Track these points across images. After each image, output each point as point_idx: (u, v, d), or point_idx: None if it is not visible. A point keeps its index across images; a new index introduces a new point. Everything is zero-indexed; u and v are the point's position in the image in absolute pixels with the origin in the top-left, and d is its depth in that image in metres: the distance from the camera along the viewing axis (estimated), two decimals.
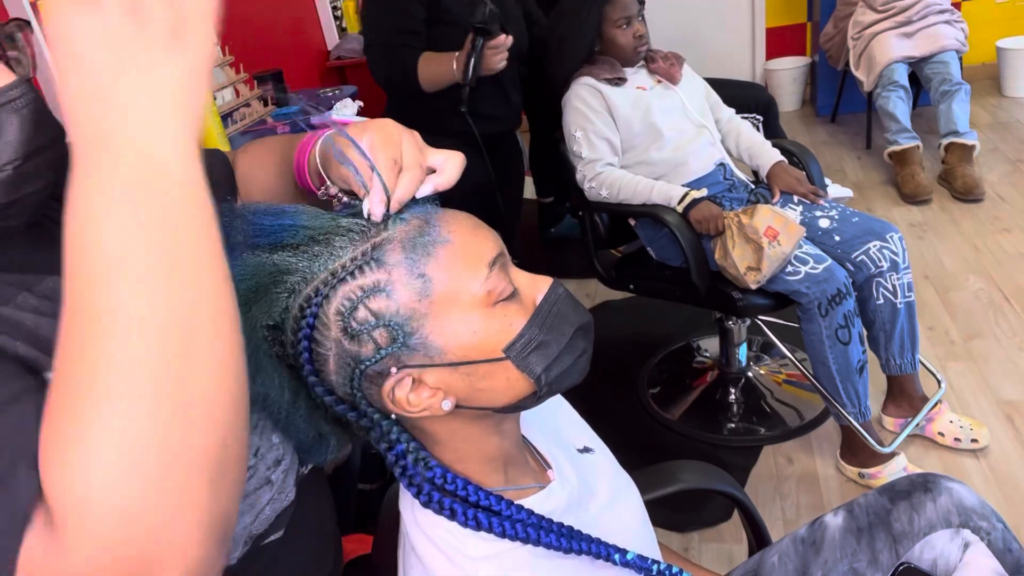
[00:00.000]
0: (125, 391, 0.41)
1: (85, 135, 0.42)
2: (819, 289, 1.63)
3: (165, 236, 0.43)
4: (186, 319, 0.43)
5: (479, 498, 0.64)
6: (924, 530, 0.89)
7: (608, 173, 1.85)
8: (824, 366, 1.71)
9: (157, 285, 0.42)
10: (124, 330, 0.41)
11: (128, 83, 0.42)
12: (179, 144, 0.43)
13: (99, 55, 0.41)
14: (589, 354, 0.67)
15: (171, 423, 0.42)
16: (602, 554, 0.67)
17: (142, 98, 0.42)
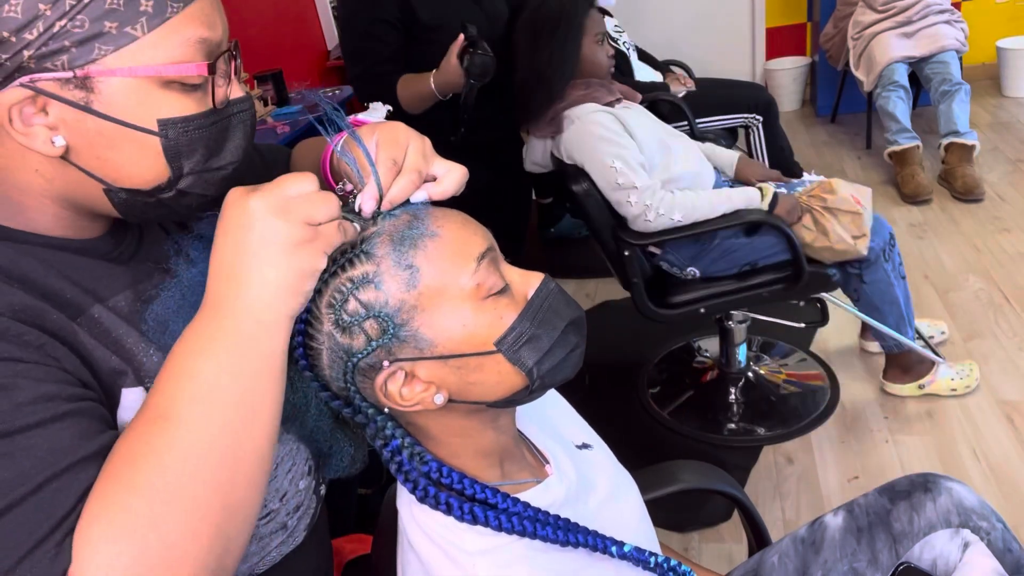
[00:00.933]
0: (176, 497, 0.51)
1: (219, 287, 0.56)
2: (879, 238, 1.74)
3: (247, 387, 0.55)
4: (240, 453, 0.54)
5: (475, 492, 0.64)
6: (924, 530, 0.89)
7: (672, 195, 1.68)
8: (894, 305, 1.85)
9: (229, 419, 0.54)
10: (192, 446, 0.52)
11: (262, 266, 0.54)
12: (282, 323, 0.56)
13: (251, 235, 0.54)
14: (582, 349, 0.67)
15: (209, 537, 0.52)
16: (599, 546, 0.67)
17: (269, 282, 0.55)
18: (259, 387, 0.56)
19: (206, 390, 0.53)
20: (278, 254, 0.54)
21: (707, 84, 2.92)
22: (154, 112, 0.61)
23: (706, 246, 1.77)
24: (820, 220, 1.73)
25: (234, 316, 0.55)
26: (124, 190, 0.63)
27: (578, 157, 1.74)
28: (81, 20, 0.56)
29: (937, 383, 1.96)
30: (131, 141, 0.61)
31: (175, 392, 0.54)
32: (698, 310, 1.82)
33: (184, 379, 0.54)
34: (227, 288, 0.55)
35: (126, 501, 0.50)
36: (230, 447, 0.54)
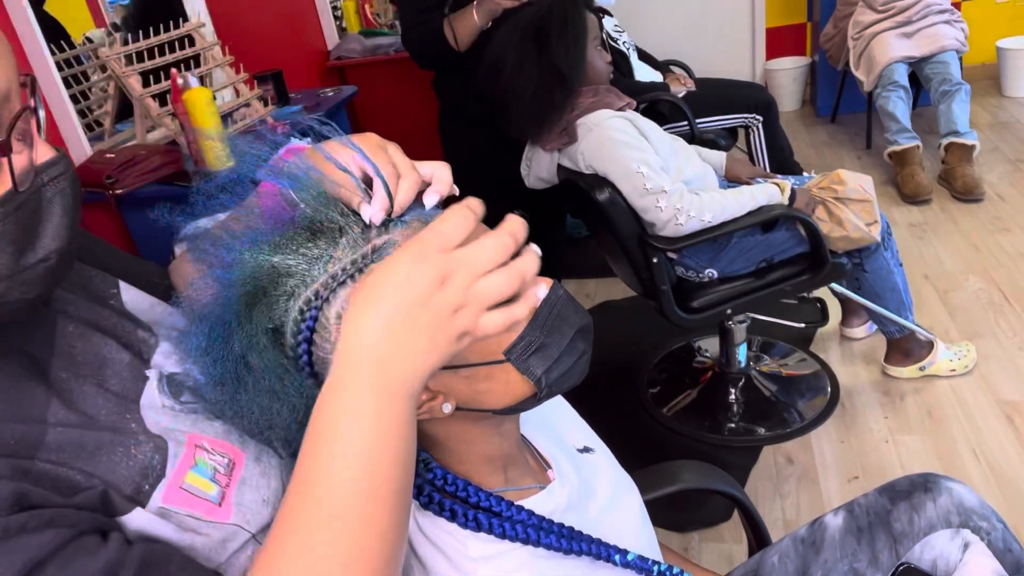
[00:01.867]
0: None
1: (361, 367, 0.50)
2: (879, 225, 1.77)
3: (399, 458, 0.52)
4: (387, 498, 0.51)
5: (479, 499, 0.64)
6: (924, 530, 0.89)
7: (699, 197, 1.65)
8: (894, 291, 1.91)
9: (390, 497, 0.51)
10: (357, 535, 0.50)
11: (404, 351, 0.51)
12: (415, 391, 0.52)
13: (409, 315, 0.50)
14: (589, 355, 0.67)
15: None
16: (602, 555, 0.67)
17: (407, 363, 0.51)
18: (406, 463, 0.53)
19: (367, 478, 0.50)
20: (438, 324, 0.52)
21: (707, 84, 2.92)
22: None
23: (723, 246, 1.76)
24: (834, 211, 1.76)
25: (385, 386, 0.51)
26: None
27: (599, 165, 1.69)
28: None
29: (937, 364, 2.03)
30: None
31: (337, 482, 0.50)
32: (725, 311, 1.81)
33: (342, 462, 0.50)
34: (383, 354, 0.51)
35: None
36: (390, 542, 0.51)
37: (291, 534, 0.50)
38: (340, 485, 0.50)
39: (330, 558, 0.49)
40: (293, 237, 0.59)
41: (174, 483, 0.59)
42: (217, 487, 0.61)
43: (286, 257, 0.58)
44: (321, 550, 0.49)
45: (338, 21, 3.56)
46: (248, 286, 0.58)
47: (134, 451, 0.58)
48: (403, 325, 0.51)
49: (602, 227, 1.80)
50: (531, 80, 1.71)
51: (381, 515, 0.50)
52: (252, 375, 0.58)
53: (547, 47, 1.69)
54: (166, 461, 0.59)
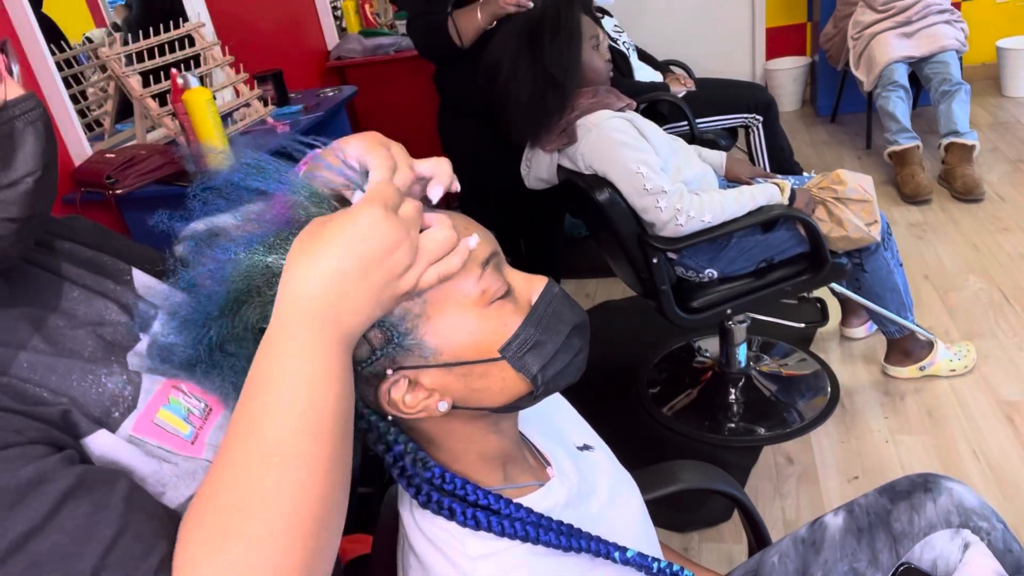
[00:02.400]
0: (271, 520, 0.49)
1: (309, 313, 0.52)
2: (879, 226, 1.77)
3: (341, 402, 0.54)
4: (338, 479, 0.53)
5: (478, 497, 0.64)
6: (924, 530, 0.89)
7: (699, 197, 1.65)
8: (894, 292, 1.91)
9: (327, 437, 0.52)
10: (299, 476, 0.51)
11: (352, 305, 0.53)
12: (351, 345, 0.55)
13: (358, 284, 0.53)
14: (585, 353, 0.67)
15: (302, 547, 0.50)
16: (602, 552, 0.67)
17: (353, 316, 0.53)
18: (346, 407, 0.55)
19: (310, 417, 0.52)
20: (385, 282, 0.55)
21: (707, 84, 2.92)
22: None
23: (723, 246, 1.76)
24: (834, 211, 1.76)
25: (331, 333, 0.53)
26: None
27: (599, 166, 1.69)
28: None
29: (937, 364, 2.03)
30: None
31: (279, 421, 0.51)
32: (725, 311, 1.81)
33: (285, 402, 0.52)
34: (332, 302, 0.53)
35: (239, 556, 0.49)
36: (332, 478, 0.53)
37: (231, 467, 0.51)
38: (283, 422, 0.51)
39: (270, 490, 0.50)
40: (288, 237, 0.59)
41: (145, 416, 0.61)
42: (191, 427, 0.64)
43: (280, 257, 0.58)
44: (261, 482, 0.50)
45: (338, 21, 3.56)
46: (240, 284, 0.58)
47: (105, 380, 0.61)
48: (357, 278, 0.53)
49: (602, 227, 1.80)
50: (525, 84, 1.72)
51: (322, 454, 0.52)
52: (228, 359, 0.59)
53: (540, 51, 1.70)
54: (138, 395, 0.61)
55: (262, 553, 0.49)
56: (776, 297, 1.81)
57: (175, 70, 2.02)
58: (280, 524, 0.49)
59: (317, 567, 0.52)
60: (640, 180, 1.63)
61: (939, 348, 2.03)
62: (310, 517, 0.51)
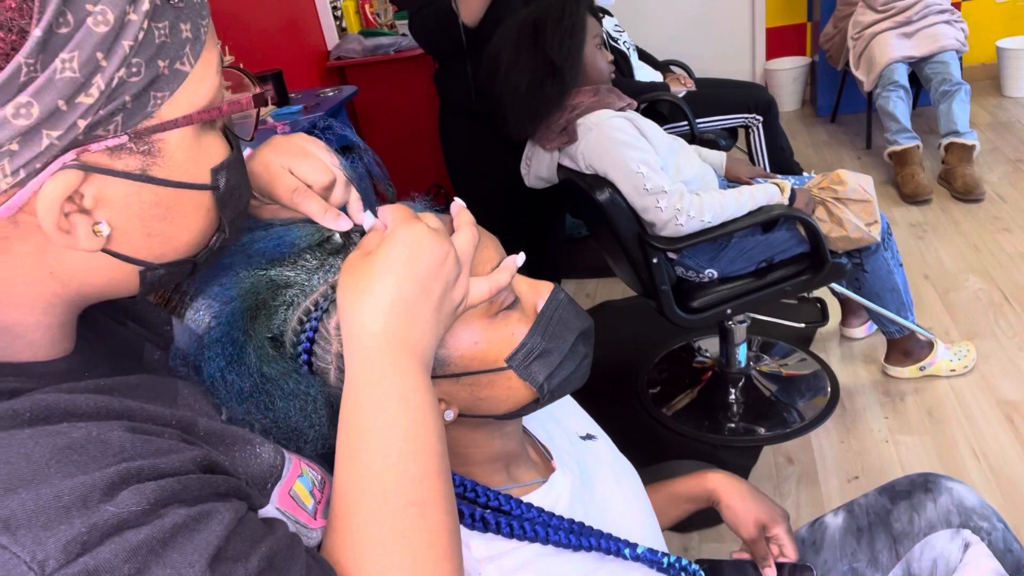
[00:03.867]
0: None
1: (380, 349, 0.53)
2: (879, 226, 1.77)
3: (425, 416, 0.54)
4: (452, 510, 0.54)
5: (488, 498, 0.63)
6: (924, 530, 0.89)
7: (699, 197, 1.65)
8: (894, 292, 1.92)
9: (444, 469, 0.54)
10: (436, 518, 0.53)
11: (421, 329, 0.54)
12: (428, 370, 0.56)
13: (421, 304, 0.54)
14: (590, 359, 0.67)
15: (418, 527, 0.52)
16: (612, 549, 0.67)
17: (424, 340, 0.55)
18: (441, 430, 0.56)
19: (429, 454, 0.53)
20: (448, 309, 0.57)
21: (707, 84, 2.92)
22: (205, 162, 0.50)
23: (723, 246, 1.76)
24: (834, 211, 1.76)
25: (415, 362, 0.54)
26: (165, 265, 0.51)
27: (599, 165, 1.69)
28: (137, 64, 0.44)
29: (937, 364, 2.03)
30: (188, 204, 0.50)
31: (407, 466, 0.52)
32: (725, 311, 1.80)
33: (411, 446, 0.53)
34: (410, 332, 0.54)
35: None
36: (450, 510, 0.54)
37: (363, 523, 0.52)
38: (390, 447, 0.52)
39: (404, 533, 0.51)
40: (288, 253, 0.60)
41: (284, 488, 0.59)
42: (313, 500, 0.62)
43: (284, 269, 0.58)
44: (392, 518, 0.51)
45: (338, 21, 3.56)
46: (248, 300, 0.58)
47: (259, 450, 0.58)
48: (419, 298, 0.53)
49: (602, 227, 1.80)
50: (525, 72, 1.72)
51: (431, 468, 0.53)
52: (273, 384, 0.58)
53: (542, 39, 1.71)
54: (284, 465, 0.59)
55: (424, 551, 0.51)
56: (776, 297, 1.81)
57: None
58: (426, 538, 0.51)
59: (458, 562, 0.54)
60: (640, 180, 1.63)
61: (939, 348, 2.04)
62: (447, 525, 0.53)
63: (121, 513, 0.41)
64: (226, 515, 0.46)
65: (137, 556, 0.41)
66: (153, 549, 0.41)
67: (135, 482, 0.43)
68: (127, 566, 0.40)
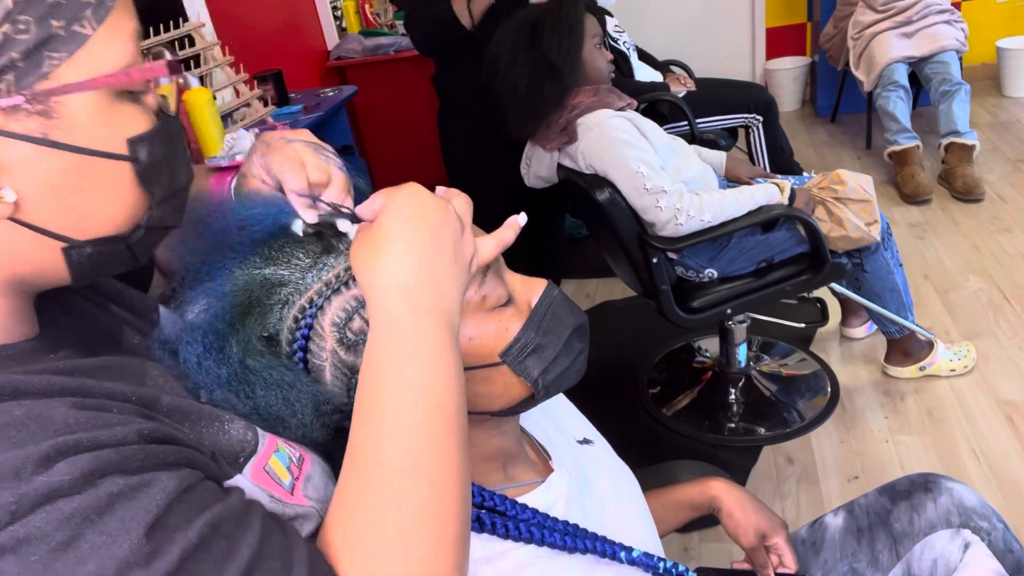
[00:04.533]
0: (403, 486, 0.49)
1: (404, 304, 0.52)
2: (879, 225, 1.77)
3: (449, 370, 0.53)
4: (454, 421, 0.52)
5: (484, 499, 0.63)
6: (924, 530, 0.89)
7: (699, 197, 1.65)
8: (894, 292, 1.92)
9: (458, 417, 0.53)
10: (413, 426, 0.51)
11: (439, 285, 0.54)
12: (455, 328, 0.55)
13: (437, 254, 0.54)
14: (586, 355, 0.67)
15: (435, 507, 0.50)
16: (607, 552, 0.67)
17: (446, 297, 0.54)
18: (462, 384, 0.55)
19: (440, 401, 0.52)
20: (463, 273, 0.57)
21: (707, 84, 2.92)
22: (120, 131, 0.49)
23: (723, 246, 1.76)
24: (834, 211, 1.76)
25: (439, 320, 0.54)
26: (91, 243, 0.50)
27: (599, 165, 1.69)
28: (25, 22, 0.43)
29: (937, 364, 2.03)
30: (103, 174, 0.49)
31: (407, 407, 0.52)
32: (725, 311, 1.80)
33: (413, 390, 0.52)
34: (431, 292, 0.53)
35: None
36: (462, 454, 0.53)
37: (371, 464, 0.51)
38: (412, 407, 0.51)
39: (412, 481, 0.50)
40: (282, 247, 0.60)
41: (260, 463, 0.60)
42: (290, 476, 0.62)
43: (278, 268, 0.58)
44: (402, 473, 0.50)
45: (338, 21, 3.56)
46: (240, 297, 0.58)
47: (228, 427, 0.59)
48: (435, 251, 0.54)
49: (602, 227, 1.80)
50: (524, 72, 1.73)
51: (451, 428, 0.52)
52: (255, 374, 0.58)
53: (540, 40, 1.71)
54: (258, 441, 0.60)
55: (422, 521, 0.49)
56: (776, 297, 1.81)
57: None
58: (430, 507, 0.50)
59: (466, 533, 0.52)
60: (640, 180, 1.63)
61: (939, 348, 2.04)
62: (455, 495, 0.51)
63: (53, 483, 0.41)
64: (169, 484, 0.45)
65: (70, 523, 0.41)
66: (88, 517, 0.42)
67: (72, 454, 0.43)
68: (59, 533, 0.41)
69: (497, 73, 1.77)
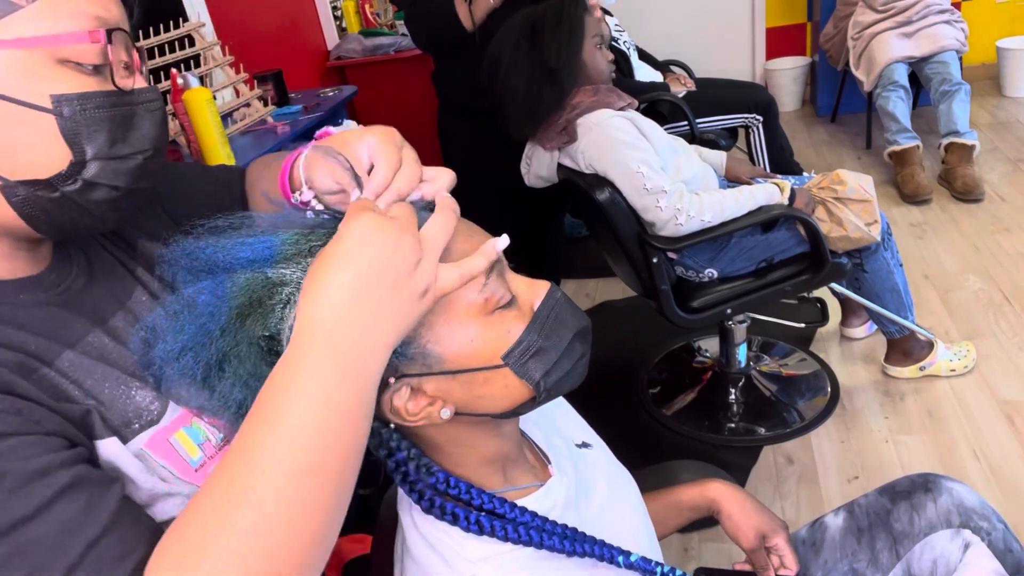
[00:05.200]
0: (256, 525, 0.48)
1: (320, 331, 0.51)
2: (879, 225, 1.77)
3: (344, 421, 0.51)
4: (326, 480, 0.51)
5: (483, 501, 0.63)
6: (924, 530, 0.89)
7: (699, 197, 1.64)
8: (894, 292, 1.92)
9: (318, 448, 0.50)
10: (275, 474, 0.49)
11: (371, 318, 0.52)
12: (379, 365, 0.54)
13: (387, 275, 0.52)
14: (587, 358, 0.67)
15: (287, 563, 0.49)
16: (605, 556, 0.67)
17: (376, 330, 0.53)
18: (363, 422, 0.53)
19: (297, 421, 0.50)
20: (409, 298, 0.54)
21: (707, 84, 2.92)
22: (47, 89, 0.56)
23: (723, 246, 1.76)
24: (834, 211, 1.75)
25: (349, 348, 0.52)
26: (21, 184, 0.57)
27: (599, 165, 1.69)
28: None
29: (937, 364, 2.03)
30: (21, 122, 0.56)
31: (275, 458, 0.49)
32: (725, 311, 1.80)
33: (287, 444, 0.50)
34: (349, 316, 0.52)
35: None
36: (319, 522, 0.51)
37: (217, 489, 0.49)
38: (280, 460, 0.49)
39: (242, 530, 0.48)
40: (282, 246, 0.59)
41: (163, 433, 0.63)
42: (202, 454, 0.65)
43: (280, 267, 0.58)
44: (235, 516, 0.48)
45: (338, 21, 3.56)
46: (241, 299, 0.57)
47: (135, 392, 0.63)
48: (366, 287, 0.52)
49: (602, 227, 1.80)
50: (523, 75, 1.72)
51: (313, 497, 0.50)
52: (222, 379, 0.57)
53: (540, 42, 1.70)
54: (164, 412, 0.63)
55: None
56: (776, 297, 1.81)
57: (175, 70, 2.02)
58: (250, 560, 0.47)
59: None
60: (640, 179, 1.63)
61: (939, 348, 2.03)
62: (284, 558, 0.49)
63: None
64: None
65: None
66: None
67: None
68: None
69: (497, 74, 1.77)
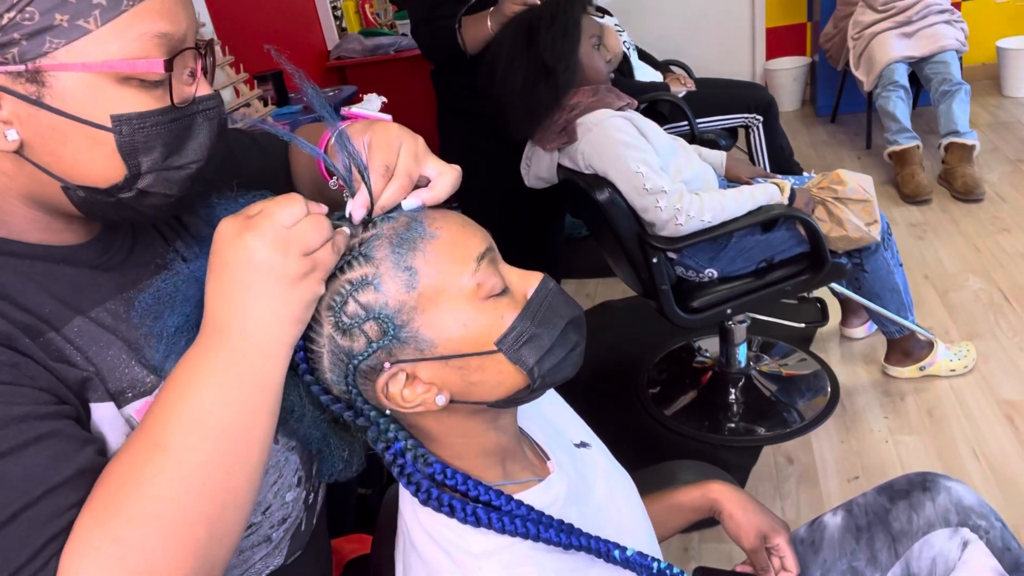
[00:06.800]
0: (165, 527, 0.53)
1: (219, 316, 0.56)
2: (879, 225, 1.77)
3: (243, 417, 0.57)
4: (230, 484, 0.56)
5: (479, 493, 0.64)
6: (923, 529, 0.90)
7: (699, 197, 1.64)
8: (894, 292, 1.92)
9: (223, 450, 0.56)
10: (184, 477, 0.54)
11: (265, 299, 0.56)
12: (283, 352, 0.58)
13: (251, 274, 0.55)
14: (582, 348, 0.67)
15: (193, 565, 0.54)
16: (602, 551, 0.67)
17: (271, 312, 0.56)
18: (255, 418, 0.57)
19: (200, 419, 0.55)
20: (281, 288, 0.56)
21: (707, 84, 2.92)
22: (108, 108, 0.59)
23: (723, 246, 1.76)
24: (834, 211, 1.75)
25: (235, 345, 0.56)
26: (82, 188, 0.62)
27: (599, 165, 1.69)
28: (31, 12, 0.55)
29: (937, 364, 2.03)
30: (84, 137, 0.60)
31: (170, 419, 0.55)
32: (725, 311, 1.80)
33: (180, 405, 0.55)
34: (228, 317, 0.56)
35: (117, 531, 0.52)
36: (221, 478, 0.55)
37: (134, 449, 0.55)
38: (176, 418, 0.55)
39: (150, 475, 0.54)
40: None
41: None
42: None
43: None
44: (145, 466, 0.54)
45: (338, 21, 3.57)
46: None
47: (135, 364, 0.67)
48: (236, 290, 0.56)
49: (602, 227, 1.80)
50: (519, 73, 1.73)
51: (211, 453, 0.55)
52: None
53: (535, 41, 1.70)
54: (157, 386, 0.67)
55: (144, 531, 0.52)
56: (776, 297, 1.81)
57: None
58: (160, 507, 0.53)
59: (206, 551, 0.55)
60: (640, 180, 1.63)
61: (939, 348, 2.04)
62: (189, 507, 0.54)
63: None
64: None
65: None
66: None
67: None
68: None
69: (495, 74, 1.77)
